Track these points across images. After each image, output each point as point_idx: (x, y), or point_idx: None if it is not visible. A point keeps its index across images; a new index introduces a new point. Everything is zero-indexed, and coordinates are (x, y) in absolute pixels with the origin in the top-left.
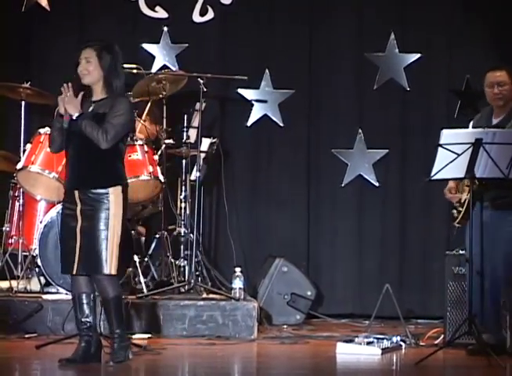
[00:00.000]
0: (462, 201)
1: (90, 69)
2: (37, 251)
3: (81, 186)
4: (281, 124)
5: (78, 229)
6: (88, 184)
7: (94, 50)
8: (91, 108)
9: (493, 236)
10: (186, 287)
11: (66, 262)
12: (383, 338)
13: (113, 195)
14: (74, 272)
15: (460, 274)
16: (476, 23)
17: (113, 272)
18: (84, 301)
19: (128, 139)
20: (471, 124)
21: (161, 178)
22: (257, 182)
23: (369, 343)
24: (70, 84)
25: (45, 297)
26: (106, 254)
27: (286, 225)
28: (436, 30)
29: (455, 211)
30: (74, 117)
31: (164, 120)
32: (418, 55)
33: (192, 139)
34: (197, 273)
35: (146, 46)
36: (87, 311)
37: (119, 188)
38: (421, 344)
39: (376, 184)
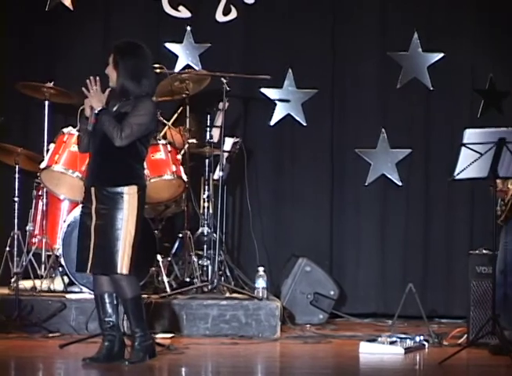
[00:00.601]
0: (506, 201)
1: (108, 72)
2: (60, 251)
3: (97, 183)
4: (304, 124)
5: (93, 227)
6: (103, 181)
7: (112, 53)
8: (115, 107)
9: None
10: (209, 286)
11: (81, 260)
12: (406, 338)
13: (128, 195)
14: (88, 270)
15: (484, 273)
16: (500, 22)
17: (125, 271)
18: (107, 301)
19: (151, 139)
20: None
21: (184, 177)
22: (280, 181)
23: (392, 343)
24: (98, 78)
25: (68, 296)
26: (120, 253)
27: (310, 224)
28: (459, 30)
29: (498, 209)
30: (97, 111)
31: (187, 119)
32: (441, 54)
33: (216, 139)
34: (220, 273)
35: (169, 46)
36: (109, 310)
37: (135, 188)
38: (444, 343)
39: (400, 183)
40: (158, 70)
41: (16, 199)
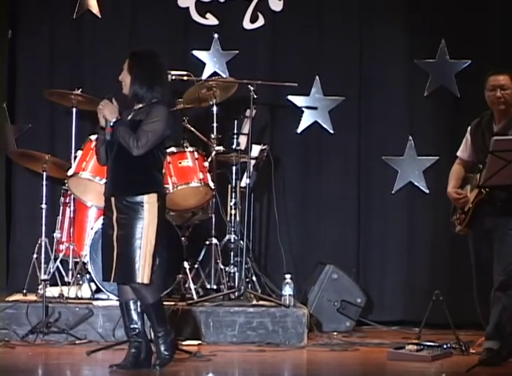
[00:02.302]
0: (466, 209)
1: (122, 77)
2: (87, 258)
3: (117, 193)
4: (331, 131)
5: (115, 237)
6: (122, 191)
7: (128, 60)
8: (130, 116)
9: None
10: (236, 293)
11: (106, 270)
12: (433, 346)
13: (148, 204)
14: (112, 280)
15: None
16: None
17: (146, 281)
18: (132, 308)
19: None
20: (469, 129)
21: (211, 184)
22: (307, 188)
23: (419, 350)
24: (107, 97)
25: (95, 303)
26: (139, 263)
27: (337, 232)
28: (486, 37)
29: (455, 218)
30: (112, 123)
31: (215, 126)
32: (469, 61)
33: (243, 146)
34: (247, 280)
35: (197, 53)
36: (135, 317)
37: (154, 196)
38: (472, 351)
39: (427, 191)
40: (185, 78)
41: (43, 206)
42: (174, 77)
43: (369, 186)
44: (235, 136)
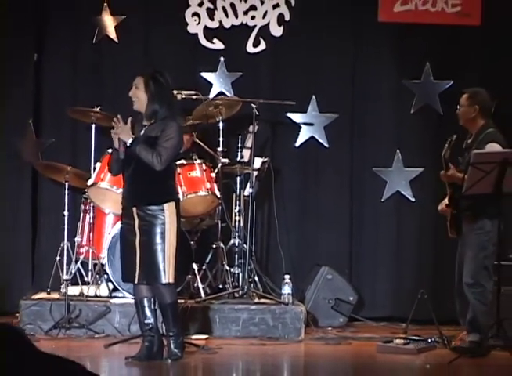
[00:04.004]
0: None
1: (138, 95)
2: (105, 260)
3: (138, 203)
4: (326, 145)
5: (137, 242)
6: (144, 201)
7: (142, 78)
8: (142, 132)
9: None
10: (240, 292)
11: (128, 272)
12: (418, 339)
13: (168, 211)
14: (136, 281)
15: None
16: (503, 52)
17: (171, 280)
18: (146, 305)
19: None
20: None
21: (218, 193)
22: (304, 197)
23: (406, 344)
24: (119, 116)
25: (112, 301)
26: (163, 264)
27: (331, 236)
28: (467, 59)
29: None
30: (128, 144)
31: (221, 141)
32: (450, 82)
33: (246, 158)
34: (250, 280)
35: (205, 74)
36: (148, 314)
37: (172, 204)
38: (453, 345)
39: (413, 199)
40: (194, 97)
41: (65, 213)
42: (184, 96)
43: (361, 195)
44: (239, 150)
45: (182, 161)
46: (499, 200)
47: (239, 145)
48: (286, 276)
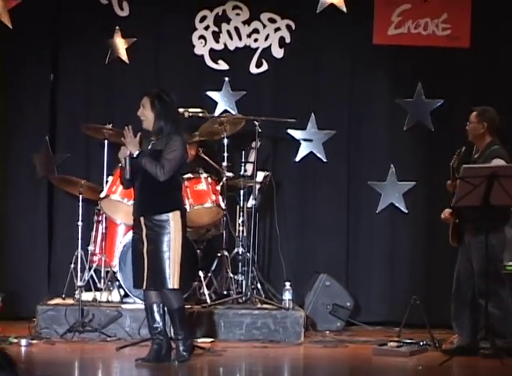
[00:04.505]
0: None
1: (145, 114)
2: (117, 268)
3: (146, 213)
4: (324, 160)
5: (145, 250)
6: (151, 211)
7: (148, 98)
8: (149, 146)
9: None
10: (243, 298)
11: (138, 279)
12: (411, 343)
13: (173, 221)
14: (144, 287)
15: None
16: (491, 73)
17: (177, 286)
18: (155, 310)
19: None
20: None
21: (222, 205)
22: (304, 208)
23: (399, 347)
24: (130, 126)
25: (123, 306)
26: (169, 271)
27: (329, 245)
28: (457, 79)
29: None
30: (135, 155)
31: (225, 156)
32: (441, 101)
33: (249, 172)
34: (253, 287)
35: (210, 93)
36: (157, 318)
37: (178, 213)
38: (444, 347)
39: (406, 211)
40: (201, 114)
41: (79, 223)
42: (191, 114)
43: (357, 207)
44: (242, 164)
45: (189, 175)
46: (503, 213)
47: (243, 160)
48: (287, 283)
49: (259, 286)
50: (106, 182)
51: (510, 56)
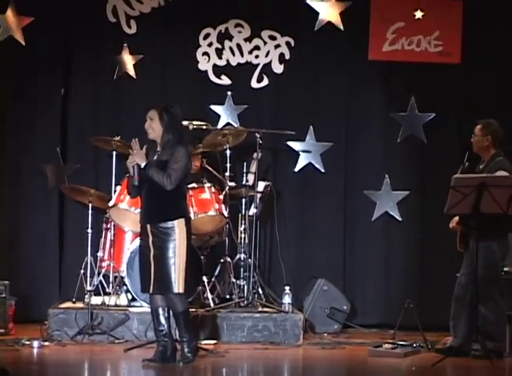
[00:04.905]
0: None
1: (153, 126)
2: (124, 273)
3: (152, 221)
4: (322, 170)
5: (152, 256)
6: (157, 219)
7: (156, 111)
8: (155, 157)
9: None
10: (245, 302)
11: (145, 283)
12: (405, 344)
13: (178, 228)
14: (151, 291)
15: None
16: (481, 87)
17: (181, 290)
18: (161, 314)
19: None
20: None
21: (225, 213)
22: (303, 216)
23: (394, 348)
24: (137, 139)
25: (131, 310)
26: (174, 276)
27: (327, 251)
28: (448, 96)
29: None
30: (142, 166)
31: (228, 166)
32: (433, 114)
33: (251, 182)
34: (254, 291)
35: (214, 107)
36: (163, 321)
37: (182, 221)
38: (437, 347)
39: (400, 219)
40: (205, 127)
41: (89, 230)
42: (195, 127)
43: (353, 215)
44: (244, 174)
45: (194, 185)
46: (507, 221)
47: (245, 170)
48: (287, 288)
49: (260, 290)
50: (115, 191)
51: (499, 71)
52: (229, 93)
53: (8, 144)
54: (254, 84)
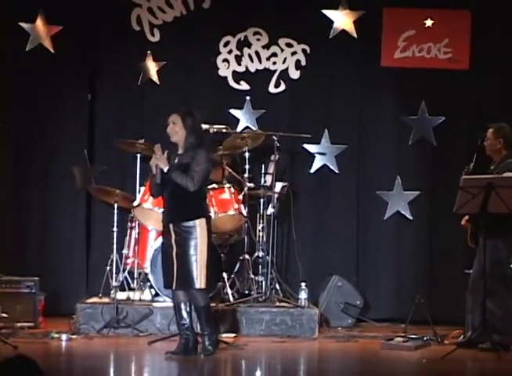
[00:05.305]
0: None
1: (176, 129)
2: (148, 269)
3: (174, 221)
4: (337, 172)
5: (174, 254)
6: (179, 218)
7: (179, 115)
8: (176, 160)
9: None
10: (263, 297)
11: (168, 280)
12: (416, 338)
13: (200, 227)
14: (174, 287)
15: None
16: (488, 92)
17: (203, 286)
18: (183, 308)
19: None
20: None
21: (244, 213)
22: (318, 216)
23: (405, 341)
24: (159, 145)
25: (154, 304)
26: (196, 273)
27: (341, 249)
28: (458, 100)
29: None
30: (165, 171)
31: (247, 168)
32: (443, 118)
33: (268, 183)
34: (272, 287)
35: (233, 111)
36: (185, 315)
37: (203, 220)
38: (446, 342)
39: (411, 218)
40: (224, 130)
41: (114, 229)
42: (215, 130)
43: (366, 214)
44: (262, 175)
45: (214, 185)
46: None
47: (263, 171)
48: (303, 284)
49: (277, 286)
50: (139, 191)
51: (505, 77)
52: (248, 98)
53: (37, 147)
54: (272, 89)
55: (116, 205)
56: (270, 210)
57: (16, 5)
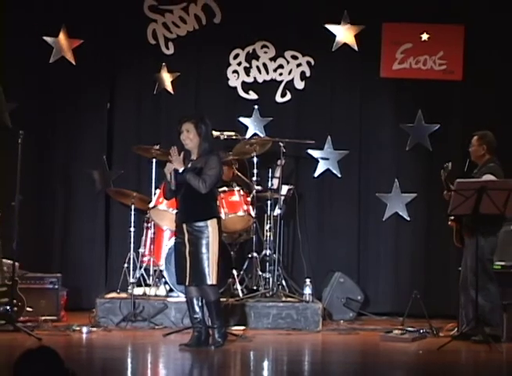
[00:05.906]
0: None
1: (191, 137)
2: (163, 267)
3: (187, 221)
4: (339, 176)
5: (187, 252)
6: (191, 219)
7: (192, 123)
8: (189, 164)
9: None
10: (270, 292)
11: (181, 276)
12: (413, 330)
13: (211, 227)
14: (187, 283)
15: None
16: (480, 101)
17: (214, 282)
18: (195, 303)
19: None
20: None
21: (253, 214)
22: (321, 217)
23: (403, 334)
24: (175, 147)
25: (169, 299)
26: (208, 270)
27: (343, 248)
28: (451, 108)
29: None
30: (180, 171)
31: (255, 172)
32: (438, 125)
33: (275, 186)
34: (278, 283)
35: (242, 119)
36: (197, 310)
37: (215, 220)
38: (441, 334)
39: (408, 219)
40: (234, 137)
41: (131, 229)
42: (226, 137)
43: (366, 215)
44: (269, 179)
45: (224, 188)
46: (495, 220)
47: (270, 175)
48: (307, 280)
49: (284, 282)
50: (154, 194)
51: (496, 87)
52: (256, 107)
53: (60, 153)
54: (279, 98)
55: (133, 207)
56: (277, 211)
57: (40, 21)
